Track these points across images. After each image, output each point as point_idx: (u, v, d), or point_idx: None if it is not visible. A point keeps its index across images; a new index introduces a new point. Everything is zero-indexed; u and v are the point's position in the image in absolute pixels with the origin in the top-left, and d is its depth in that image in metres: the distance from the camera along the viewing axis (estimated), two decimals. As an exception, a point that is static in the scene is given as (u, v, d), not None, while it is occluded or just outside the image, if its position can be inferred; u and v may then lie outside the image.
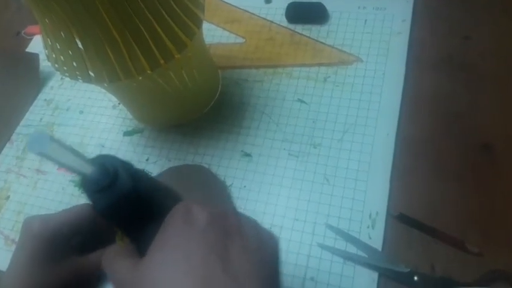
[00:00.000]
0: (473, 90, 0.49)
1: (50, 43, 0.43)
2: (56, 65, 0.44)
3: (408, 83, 0.53)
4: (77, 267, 0.40)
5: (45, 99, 0.64)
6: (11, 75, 0.64)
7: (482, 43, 0.54)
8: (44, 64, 0.66)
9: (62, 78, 0.65)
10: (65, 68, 0.44)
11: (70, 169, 0.25)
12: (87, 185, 0.27)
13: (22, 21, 0.74)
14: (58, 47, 0.42)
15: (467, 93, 0.49)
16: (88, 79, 0.43)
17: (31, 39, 0.71)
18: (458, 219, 0.44)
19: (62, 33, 0.40)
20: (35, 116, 0.62)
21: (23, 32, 0.72)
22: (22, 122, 0.62)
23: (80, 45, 0.41)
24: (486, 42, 0.54)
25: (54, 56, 0.44)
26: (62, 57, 0.43)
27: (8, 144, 0.60)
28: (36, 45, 0.70)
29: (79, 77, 0.43)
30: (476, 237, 0.42)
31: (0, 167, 0.59)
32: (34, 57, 0.64)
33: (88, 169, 0.26)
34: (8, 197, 0.56)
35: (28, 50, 0.69)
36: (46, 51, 0.45)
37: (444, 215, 0.44)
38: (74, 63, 0.43)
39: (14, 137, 0.61)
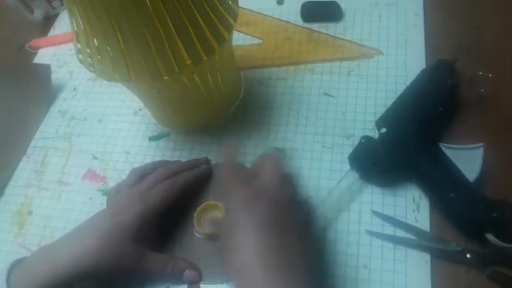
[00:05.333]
0: (492, 74, 0.51)
1: (88, 50, 0.42)
2: (92, 68, 0.43)
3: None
4: (149, 259, 0.43)
5: (59, 111, 0.62)
6: (21, 88, 0.62)
7: (493, 32, 0.56)
8: (54, 76, 0.64)
9: (74, 89, 0.63)
10: (102, 70, 0.43)
11: None
12: None
13: (22, 35, 0.73)
14: (96, 50, 0.42)
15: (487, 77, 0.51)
16: (127, 78, 0.42)
17: (36, 52, 0.69)
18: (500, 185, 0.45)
19: (103, 33, 0.39)
20: (51, 127, 0.60)
21: (26, 45, 0.70)
22: (37, 135, 0.60)
23: (122, 44, 0.40)
24: (497, 31, 0.56)
25: (90, 60, 0.43)
26: (99, 58, 0.42)
27: (24, 158, 0.58)
28: (43, 58, 0.68)
29: (117, 78, 0.42)
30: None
31: (18, 182, 0.56)
32: (45, 68, 0.62)
33: None
34: (30, 212, 0.53)
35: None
36: (80, 55, 0.44)
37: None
38: (113, 64, 0.42)
39: (29, 150, 0.59)
